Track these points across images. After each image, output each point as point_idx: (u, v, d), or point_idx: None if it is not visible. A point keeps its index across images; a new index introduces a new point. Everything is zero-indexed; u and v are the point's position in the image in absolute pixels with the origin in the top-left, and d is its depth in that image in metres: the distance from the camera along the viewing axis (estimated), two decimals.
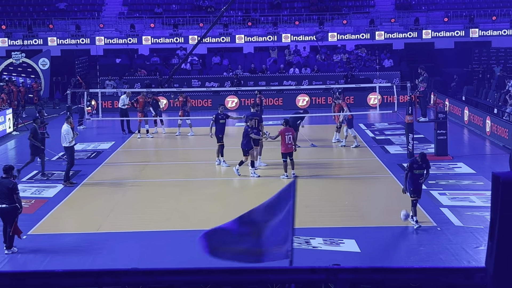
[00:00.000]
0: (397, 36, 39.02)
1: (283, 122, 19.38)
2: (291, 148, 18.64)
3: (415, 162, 14.60)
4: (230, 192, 18.23)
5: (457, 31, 38.77)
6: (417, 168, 14.51)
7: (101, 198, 17.43)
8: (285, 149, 18.58)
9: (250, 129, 19.25)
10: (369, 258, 12.31)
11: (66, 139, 18.54)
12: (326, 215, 15.35)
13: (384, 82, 32.65)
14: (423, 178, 14.61)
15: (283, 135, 18.55)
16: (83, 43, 38.92)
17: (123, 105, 27.05)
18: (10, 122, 27.48)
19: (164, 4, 42.73)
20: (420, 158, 14.52)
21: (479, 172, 18.79)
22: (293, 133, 19.01)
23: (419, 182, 14.54)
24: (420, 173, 14.54)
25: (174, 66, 35.46)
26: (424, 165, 14.56)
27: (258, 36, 39.09)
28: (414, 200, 14.47)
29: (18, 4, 42.67)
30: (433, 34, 38.70)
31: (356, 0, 42.84)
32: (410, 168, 14.51)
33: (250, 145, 19.11)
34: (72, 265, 12.23)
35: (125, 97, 27.39)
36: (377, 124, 27.76)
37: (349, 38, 39.14)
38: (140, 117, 26.05)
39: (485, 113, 26.29)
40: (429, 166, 14.71)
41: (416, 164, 14.55)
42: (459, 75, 36.76)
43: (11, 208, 12.98)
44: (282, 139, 18.58)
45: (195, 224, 14.77)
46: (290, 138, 18.60)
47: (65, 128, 18.69)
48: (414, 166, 14.52)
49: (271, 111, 29.05)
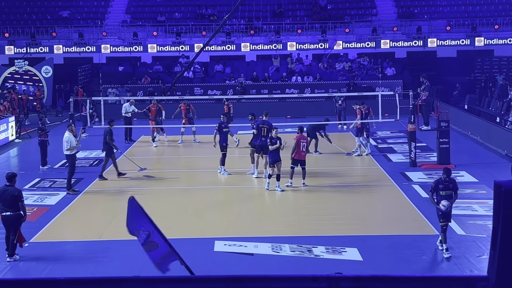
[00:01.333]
0: (402, 45, 39.08)
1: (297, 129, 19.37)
2: (304, 156, 18.56)
3: (441, 182, 12.99)
4: (233, 200, 18.20)
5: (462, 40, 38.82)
6: (443, 189, 12.97)
7: (103, 206, 17.43)
8: (298, 156, 18.49)
9: (269, 141, 18.59)
10: (371, 266, 12.29)
11: (65, 147, 18.54)
12: (328, 224, 15.33)
13: (386, 91, 32.66)
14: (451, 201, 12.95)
15: (299, 142, 18.52)
16: (88, 51, 39.03)
17: (125, 113, 27.06)
18: (13, 130, 27.51)
19: (167, 12, 42.86)
20: (445, 176, 12.99)
21: (481, 180, 18.76)
22: (307, 141, 18.95)
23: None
24: (447, 194, 12.95)
25: (176, 74, 35.52)
26: (451, 186, 13.04)
27: (262, 44, 39.18)
28: (444, 226, 12.95)
29: (22, 12, 42.81)
30: (438, 42, 38.74)
31: (358, 8, 42.95)
32: (435, 189, 12.98)
33: (277, 157, 18.29)
34: (73, 273, 12.21)
35: (128, 105, 27.38)
36: (380, 133, 27.76)
37: (354, 46, 39.20)
38: (153, 125, 25.92)
39: (487, 121, 26.27)
40: (456, 187, 13.17)
41: (442, 185, 12.99)
42: (461, 84, 36.78)
43: (15, 216, 13.00)
44: (298, 146, 18.53)
45: (197, 232, 14.78)
46: (304, 146, 18.59)
47: (66, 135, 18.72)
48: (439, 187, 12.97)
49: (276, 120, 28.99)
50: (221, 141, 20.48)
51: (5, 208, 13.01)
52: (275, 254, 13.14)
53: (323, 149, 23.63)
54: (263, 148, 19.55)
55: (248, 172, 20.40)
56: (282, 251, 13.26)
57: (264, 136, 19.57)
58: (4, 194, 13.06)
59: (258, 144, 19.75)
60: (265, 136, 19.53)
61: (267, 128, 19.66)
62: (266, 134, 19.56)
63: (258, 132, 19.78)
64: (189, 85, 36.35)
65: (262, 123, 19.92)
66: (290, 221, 15.53)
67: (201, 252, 13.38)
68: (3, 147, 25.82)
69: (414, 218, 15.60)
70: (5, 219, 13.09)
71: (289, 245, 13.57)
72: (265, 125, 19.78)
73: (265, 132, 19.62)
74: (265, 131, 19.62)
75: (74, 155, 18.76)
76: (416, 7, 42.58)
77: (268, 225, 15.21)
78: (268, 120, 20.14)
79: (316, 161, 22.51)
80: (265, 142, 19.34)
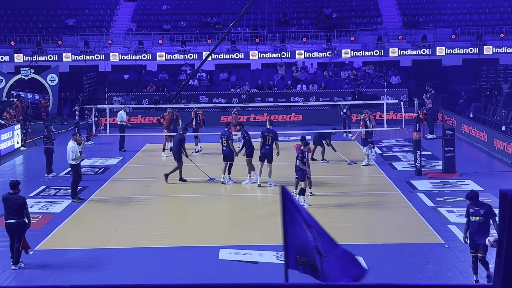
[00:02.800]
0: (410, 53, 39.10)
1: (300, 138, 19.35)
2: (308, 164, 18.47)
3: (470, 206, 11.61)
4: (237, 208, 18.18)
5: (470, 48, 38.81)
6: (473, 214, 11.55)
7: (108, 214, 17.44)
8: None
9: (300, 155, 17.69)
10: (376, 275, 12.25)
11: (71, 157, 18.54)
12: (333, 232, 15.14)
13: (391, 99, 32.66)
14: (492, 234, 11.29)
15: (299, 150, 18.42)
16: (97, 59, 39.14)
17: (121, 121, 27.02)
18: (18, 138, 27.56)
19: (173, 21, 42.98)
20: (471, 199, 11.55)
21: (487, 189, 18.71)
22: (309, 149, 18.86)
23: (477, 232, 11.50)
24: (478, 220, 11.50)
25: (182, 82, 35.57)
26: (482, 211, 11.47)
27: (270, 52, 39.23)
28: (473, 258, 11.73)
29: (27, 20, 42.99)
30: (446, 51, 38.74)
31: (363, 17, 43.01)
32: (467, 214, 11.71)
33: (302, 170, 17.57)
34: (78, 281, 12.21)
35: (123, 112, 27.31)
36: (385, 141, 27.73)
37: (362, 54, 39.20)
38: (166, 134, 25.55)
39: (493, 130, 26.23)
40: (492, 213, 11.43)
41: (471, 209, 11.60)
42: (467, 92, 36.75)
43: (19, 223, 13.04)
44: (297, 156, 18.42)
45: (202, 240, 14.78)
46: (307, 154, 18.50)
47: (71, 145, 18.67)
48: (469, 211, 11.62)
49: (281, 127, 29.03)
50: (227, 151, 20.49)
51: (9, 215, 13.05)
52: (280, 262, 13.12)
53: (327, 157, 23.61)
54: (267, 156, 19.60)
55: (243, 182, 20.34)
56: None
57: (269, 145, 19.60)
58: (8, 202, 13.11)
59: (262, 152, 19.79)
60: (269, 145, 19.57)
61: (272, 136, 19.71)
62: (271, 142, 19.63)
63: (263, 140, 19.82)
64: (195, 93, 36.41)
65: (267, 131, 19.94)
66: None
67: (206, 260, 13.38)
68: (9, 155, 25.87)
69: (419, 226, 15.56)
70: (9, 226, 13.11)
71: None
72: (270, 133, 19.82)
73: (269, 140, 19.66)
74: (270, 140, 19.66)
75: (78, 164, 18.76)
76: (421, 16, 42.58)
77: (273, 234, 15.18)
78: (272, 128, 20.15)
79: (323, 169, 22.49)
80: (269, 151, 19.48)
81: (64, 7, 44.21)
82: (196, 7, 44.41)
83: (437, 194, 18.66)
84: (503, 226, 2.85)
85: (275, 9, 43.72)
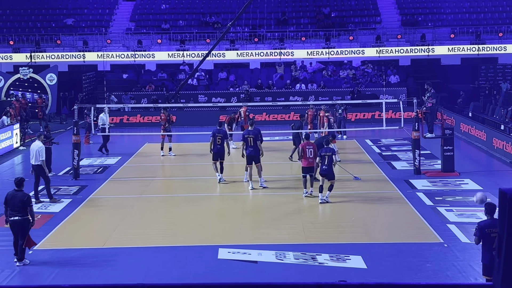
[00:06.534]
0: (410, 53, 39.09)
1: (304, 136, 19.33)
2: (313, 163, 18.42)
3: (488, 225, 10.16)
4: (236, 207, 18.16)
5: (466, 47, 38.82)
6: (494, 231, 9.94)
7: (107, 213, 17.44)
8: (307, 163, 18.34)
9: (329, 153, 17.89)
10: (375, 274, 12.26)
11: (39, 157, 17.90)
12: (332, 231, 15.31)
13: (390, 98, 32.66)
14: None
15: (305, 149, 18.43)
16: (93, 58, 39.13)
17: (103, 124, 26.16)
18: (17, 137, 27.54)
19: (171, 20, 42.97)
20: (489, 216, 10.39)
21: (486, 188, 18.70)
22: (314, 147, 18.76)
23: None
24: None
25: (180, 81, 35.56)
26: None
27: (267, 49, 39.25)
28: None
29: (26, 20, 42.96)
30: (445, 50, 38.75)
31: (362, 16, 43.03)
32: (481, 232, 10.24)
33: (330, 169, 17.79)
34: (78, 281, 12.21)
35: (104, 115, 26.43)
36: (384, 140, 27.73)
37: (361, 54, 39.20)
38: (163, 134, 25.40)
39: (492, 129, 26.25)
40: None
41: (488, 228, 10.21)
42: (465, 91, 36.78)
43: (23, 221, 13.13)
44: (304, 153, 18.45)
45: (201, 240, 14.78)
46: (311, 152, 18.41)
47: (38, 145, 18.06)
48: (485, 231, 10.24)
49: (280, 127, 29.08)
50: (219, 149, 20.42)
51: (13, 213, 13.13)
52: (279, 261, 13.12)
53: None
54: (253, 158, 19.52)
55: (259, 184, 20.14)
56: (286, 259, 13.24)
57: (252, 146, 19.49)
58: (14, 199, 13.19)
59: (247, 155, 19.63)
60: (253, 146, 19.48)
61: (253, 137, 19.57)
62: (253, 144, 19.51)
63: (244, 143, 19.72)
64: (193, 92, 36.39)
65: (248, 133, 19.83)
66: (294, 228, 15.51)
67: (205, 259, 13.38)
68: (7, 155, 25.86)
69: (418, 226, 15.56)
70: (13, 224, 13.19)
71: (293, 252, 13.55)
72: (250, 134, 19.68)
73: (251, 142, 19.53)
74: (252, 141, 19.53)
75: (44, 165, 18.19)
76: (420, 15, 42.60)
77: (272, 233, 15.19)
78: (254, 129, 19.94)
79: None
80: (253, 152, 19.41)
81: (63, 6, 44.19)
82: (195, 6, 44.41)
83: (436, 193, 18.67)
84: (503, 225, 2.85)
85: (274, 8, 43.73)
